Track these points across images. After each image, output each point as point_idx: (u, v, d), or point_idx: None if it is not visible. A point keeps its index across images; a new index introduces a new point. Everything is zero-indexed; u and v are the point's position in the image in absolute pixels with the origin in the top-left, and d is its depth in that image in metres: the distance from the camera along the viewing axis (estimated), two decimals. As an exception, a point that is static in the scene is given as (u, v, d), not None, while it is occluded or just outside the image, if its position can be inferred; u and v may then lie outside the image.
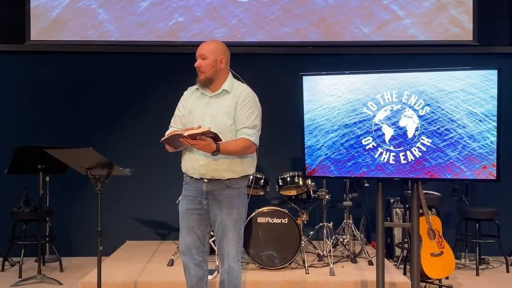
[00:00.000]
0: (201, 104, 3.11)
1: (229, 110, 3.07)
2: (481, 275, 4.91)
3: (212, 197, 3.09)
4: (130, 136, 5.69)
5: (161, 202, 5.51)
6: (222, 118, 3.06)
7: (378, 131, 3.12)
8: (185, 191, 3.19)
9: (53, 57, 5.66)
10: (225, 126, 3.05)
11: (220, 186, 3.08)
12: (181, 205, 3.19)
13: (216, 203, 3.09)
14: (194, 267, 3.15)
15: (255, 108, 3.12)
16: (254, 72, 5.60)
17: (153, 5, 5.65)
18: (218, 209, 3.09)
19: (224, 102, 3.11)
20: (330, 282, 4.14)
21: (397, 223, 5.22)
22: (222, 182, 3.08)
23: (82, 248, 5.49)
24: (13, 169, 4.58)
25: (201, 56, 3.09)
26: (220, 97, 3.13)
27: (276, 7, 5.67)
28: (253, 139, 3.06)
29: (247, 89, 3.17)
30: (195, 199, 3.12)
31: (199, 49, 3.12)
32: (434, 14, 5.66)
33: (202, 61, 3.09)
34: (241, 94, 3.11)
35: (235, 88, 3.14)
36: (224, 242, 3.10)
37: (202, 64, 3.08)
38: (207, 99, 3.13)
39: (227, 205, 3.09)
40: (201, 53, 3.10)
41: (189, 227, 3.13)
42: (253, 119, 3.08)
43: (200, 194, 3.10)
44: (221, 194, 3.08)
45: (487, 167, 2.93)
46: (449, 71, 3.00)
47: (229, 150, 2.99)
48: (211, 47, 3.11)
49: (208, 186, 3.08)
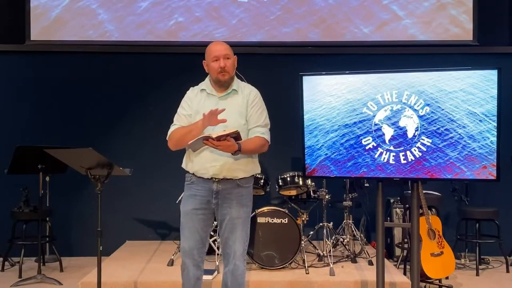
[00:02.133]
0: (209, 105, 3.10)
1: (241, 110, 3.12)
2: (481, 275, 4.91)
3: (222, 196, 3.10)
4: (130, 136, 5.69)
5: (161, 202, 5.51)
6: (235, 117, 3.09)
7: (378, 131, 3.12)
8: (190, 191, 3.16)
9: (53, 57, 5.66)
10: (239, 126, 3.07)
11: (231, 185, 3.10)
12: (185, 204, 3.16)
13: (226, 202, 3.11)
14: (193, 268, 3.15)
15: (264, 107, 3.22)
16: (254, 72, 5.58)
17: (153, 5, 5.65)
18: (228, 208, 3.10)
19: (235, 102, 3.14)
20: (330, 282, 4.14)
21: (397, 223, 5.22)
22: (233, 181, 3.10)
23: (82, 248, 5.49)
24: (13, 169, 4.58)
25: (225, 56, 3.10)
26: (229, 97, 3.15)
27: (276, 7, 5.67)
28: (267, 137, 3.15)
29: (254, 88, 3.23)
30: (203, 198, 3.11)
31: (219, 49, 3.11)
32: (434, 14, 5.66)
33: (227, 61, 3.09)
34: (250, 94, 3.18)
35: (242, 88, 3.20)
36: (231, 240, 3.11)
37: (227, 64, 3.09)
38: (216, 99, 3.13)
39: (238, 204, 3.11)
40: (225, 53, 3.10)
41: (193, 228, 3.12)
42: (264, 118, 3.18)
43: (209, 193, 3.10)
44: (232, 193, 3.11)
45: (487, 167, 2.93)
46: (449, 71, 3.00)
47: (248, 149, 3.05)
48: (229, 47, 3.15)
49: (218, 186, 3.09)
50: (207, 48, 3.18)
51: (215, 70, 3.09)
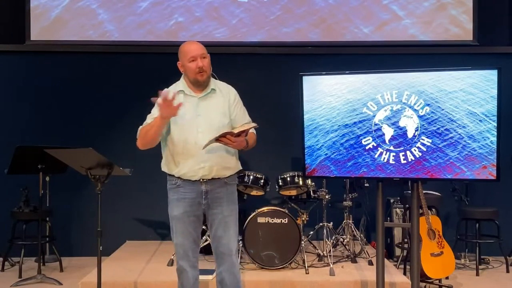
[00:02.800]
0: (189, 106, 3.07)
1: (224, 110, 3.12)
2: (481, 275, 4.91)
3: (211, 196, 3.09)
4: (130, 136, 5.62)
5: (161, 202, 5.47)
6: (218, 117, 3.09)
7: (378, 131, 3.12)
8: (178, 194, 3.11)
9: (53, 57, 5.66)
10: (223, 125, 3.07)
11: (218, 184, 3.10)
12: (175, 209, 3.12)
13: (215, 201, 3.10)
14: (191, 269, 3.14)
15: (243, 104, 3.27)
16: (254, 72, 5.64)
17: (153, 5, 5.65)
18: (219, 207, 3.10)
19: (216, 102, 3.13)
20: (330, 282, 4.14)
21: (397, 223, 5.22)
22: (220, 180, 3.10)
23: (82, 248, 5.49)
24: (13, 169, 4.58)
25: (202, 55, 3.08)
26: (209, 97, 3.13)
27: (276, 7, 5.67)
28: (255, 132, 3.21)
29: (231, 87, 3.25)
30: (193, 200, 3.09)
31: (196, 49, 3.08)
32: (434, 14, 5.66)
33: (204, 60, 3.08)
34: (230, 93, 3.19)
35: (219, 87, 3.19)
36: (225, 239, 3.10)
37: (205, 64, 3.08)
38: (196, 100, 3.10)
39: (228, 202, 3.12)
40: (201, 52, 3.08)
41: (186, 231, 3.10)
42: (247, 115, 3.25)
43: (198, 195, 3.09)
44: (221, 192, 3.10)
45: (487, 167, 2.93)
46: (449, 71, 3.00)
47: (251, 144, 3.14)
48: (203, 46, 3.13)
49: (206, 186, 3.08)
50: (180, 48, 3.14)
51: (193, 70, 3.06)
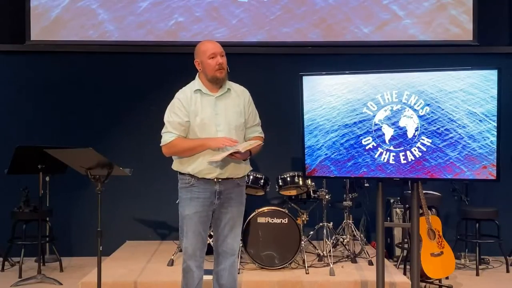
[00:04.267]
0: (207, 105, 3.11)
1: (240, 109, 3.18)
2: (481, 275, 4.91)
3: (224, 196, 3.13)
4: (130, 136, 5.69)
5: (161, 202, 5.51)
6: (235, 116, 3.14)
7: (378, 131, 3.12)
8: (190, 194, 3.11)
9: (53, 57, 5.66)
10: (240, 124, 3.15)
11: (231, 185, 3.15)
12: (187, 208, 3.11)
13: (227, 201, 3.15)
14: (197, 270, 3.16)
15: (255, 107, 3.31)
16: (254, 72, 5.63)
17: (153, 5, 5.64)
18: (229, 207, 3.15)
19: (231, 101, 3.17)
20: (330, 282, 4.14)
21: (397, 223, 5.22)
22: (232, 181, 3.15)
23: (82, 248, 5.49)
24: (13, 169, 4.58)
25: (222, 53, 3.12)
26: (224, 97, 3.16)
27: (276, 7, 5.67)
28: (263, 135, 3.29)
29: (243, 87, 3.30)
30: (206, 200, 3.11)
31: (216, 46, 3.12)
32: (434, 14, 5.66)
33: (223, 58, 3.12)
34: (244, 93, 3.24)
35: (233, 87, 3.23)
36: (230, 238, 3.17)
37: (224, 61, 3.12)
38: (213, 99, 3.13)
39: (238, 203, 3.19)
40: (221, 50, 3.13)
41: (196, 231, 3.12)
42: (258, 117, 3.30)
43: (212, 195, 3.11)
44: (233, 192, 3.16)
45: (487, 167, 2.93)
46: (449, 71, 3.00)
47: (255, 152, 3.21)
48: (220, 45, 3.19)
49: (220, 186, 3.11)
50: (199, 47, 3.16)
51: (213, 67, 3.08)
